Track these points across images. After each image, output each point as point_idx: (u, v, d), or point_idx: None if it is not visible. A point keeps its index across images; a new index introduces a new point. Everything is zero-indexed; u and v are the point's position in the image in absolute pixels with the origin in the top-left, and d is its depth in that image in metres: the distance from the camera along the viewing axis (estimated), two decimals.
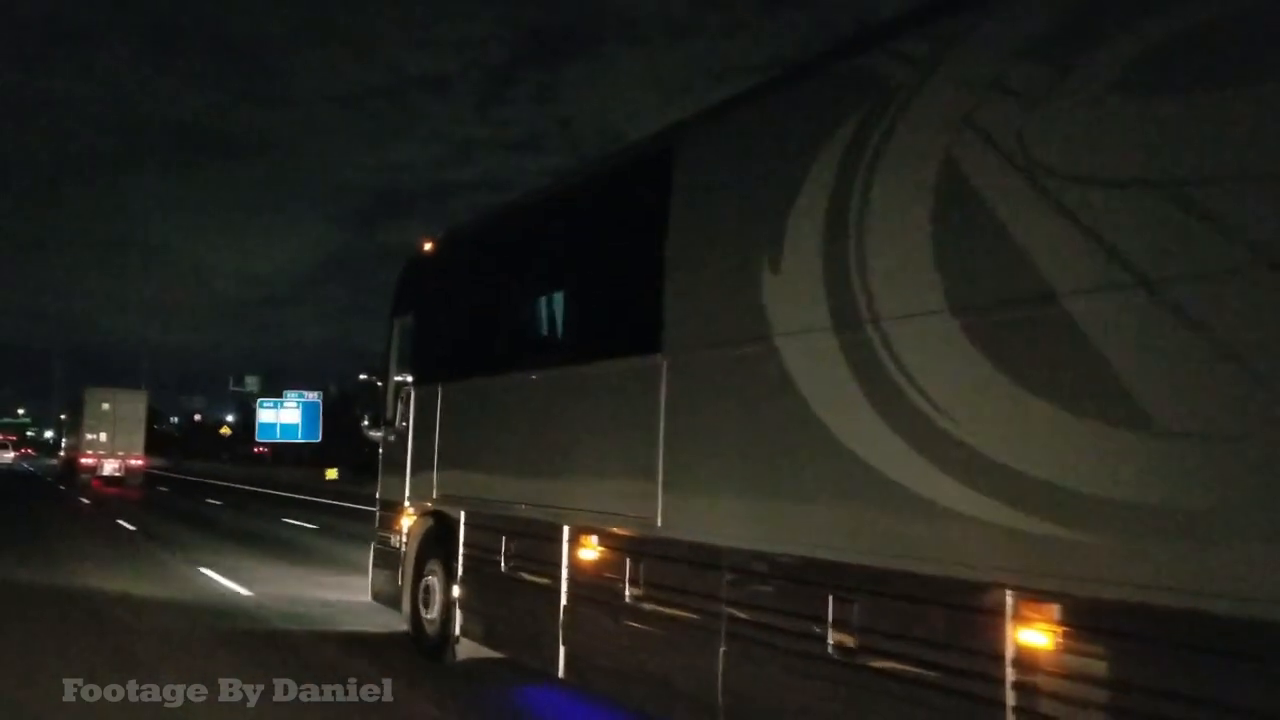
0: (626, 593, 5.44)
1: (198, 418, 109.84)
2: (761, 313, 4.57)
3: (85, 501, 28.65)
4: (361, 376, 10.08)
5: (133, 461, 41.25)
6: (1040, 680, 3.30)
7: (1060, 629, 3.27)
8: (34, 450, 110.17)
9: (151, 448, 48.21)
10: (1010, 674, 3.37)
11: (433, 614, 7.67)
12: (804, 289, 4.34)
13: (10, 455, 79.15)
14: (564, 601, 6.00)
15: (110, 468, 40.44)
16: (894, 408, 3.84)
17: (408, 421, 8.27)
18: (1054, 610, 3.29)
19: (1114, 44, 3.21)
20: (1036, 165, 3.41)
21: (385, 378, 8.99)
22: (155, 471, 50.71)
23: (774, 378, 4.45)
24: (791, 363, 4.39)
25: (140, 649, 7.64)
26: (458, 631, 7.29)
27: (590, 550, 5.82)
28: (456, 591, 7.29)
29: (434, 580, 7.70)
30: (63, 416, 58.91)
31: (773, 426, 4.48)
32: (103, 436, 41.14)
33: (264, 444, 60.15)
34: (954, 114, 3.73)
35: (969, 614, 3.54)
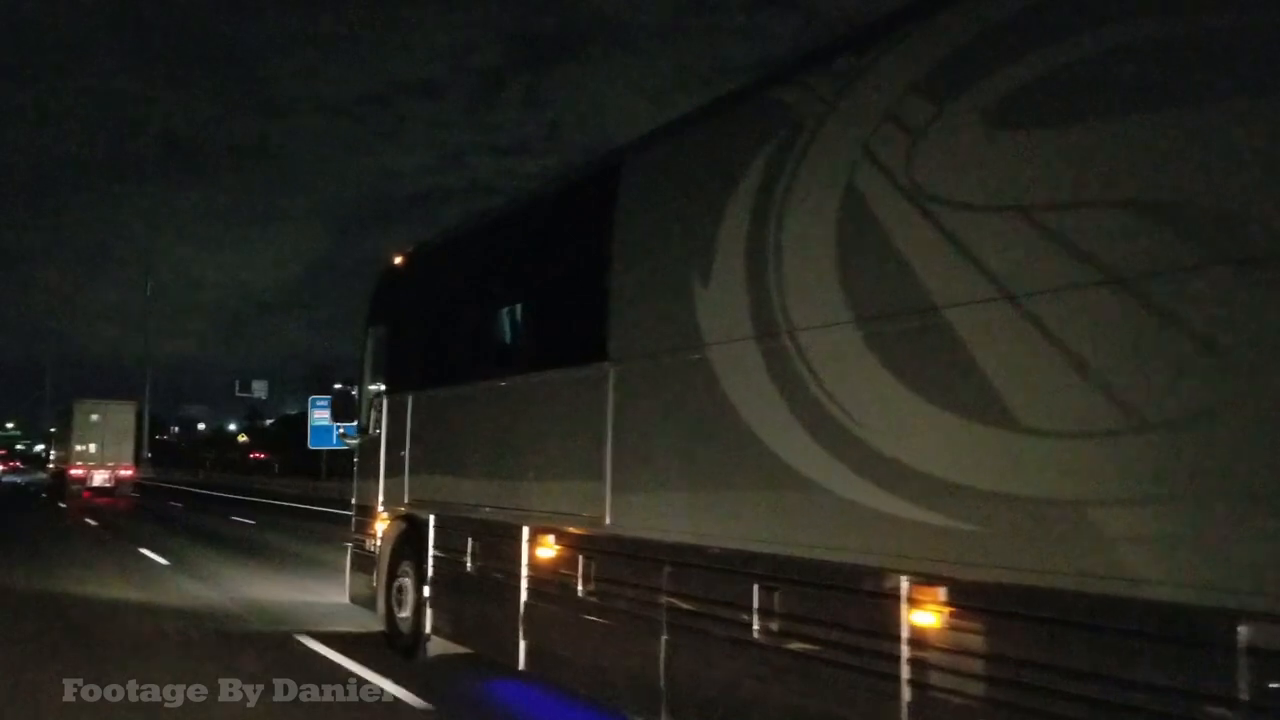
0: (580, 587, 5.78)
1: (201, 426, 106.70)
2: (694, 323, 4.93)
3: (72, 521, 27.68)
4: (337, 386, 10.39)
5: (122, 472, 41.38)
6: (929, 655, 3.65)
7: (947, 609, 3.63)
8: (24, 464, 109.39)
9: (157, 460, 47.75)
10: (905, 651, 3.73)
11: (405, 613, 7.99)
12: (729, 301, 4.69)
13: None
14: (524, 597, 6.34)
15: (100, 479, 40.53)
16: (805, 411, 4.19)
17: (381, 429, 8.60)
18: (941, 592, 3.65)
19: (980, 84, 3.57)
20: (919, 190, 3.77)
21: (360, 386, 9.32)
22: (169, 485, 48.71)
23: (706, 384, 4.80)
24: (720, 370, 4.74)
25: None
26: (429, 629, 7.61)
27: (547, 548, 6.16)
28: (427, 591, 7.62)
29: (407, 581, 8.03)
30: (52, 430, 58.83)
31: (705, 429, 4.83)
32: (92, 448, 41.20)
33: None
34: (853, 144, 4.09)
35: (871, 598, 3.89)
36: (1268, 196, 2.74)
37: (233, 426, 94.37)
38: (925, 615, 3.69)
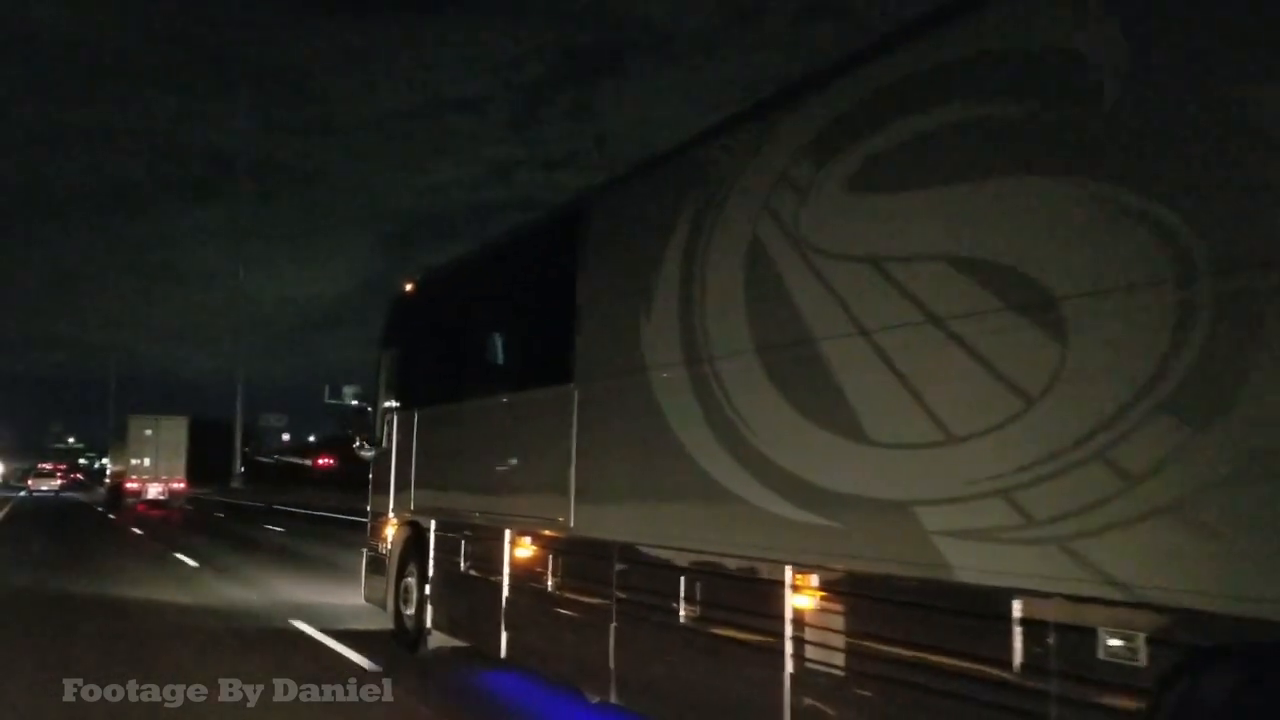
0: (548, 583, 6.50)
1: (286, 437, 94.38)
2: (640, 349, 5.64)
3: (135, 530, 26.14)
4: (353, 402, 11.24)
5: (175, 485, 42.75)
6: (806, 630, 4.32)
7: (819, 593, 4.29)
8: (85, 476, 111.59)
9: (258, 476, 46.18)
10: (789, 628, 4.39)
11: (410, 610, 8.76)
12: (666, 331, 5.40)
13: (56, 483, 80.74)
14: (505, 593, 7.07)
15: (154, 491, 41.92)
16: (719, 427, 4.89)
17: (392, 442, 9.40)
18: (815, 579, 4.31)
19: (846, 154, 4.26)
20: (803, 241, 4.45)
21: (375, 403, 10.15)
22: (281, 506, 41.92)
23: (647, 404, 5.50)
24: (658, 392, 5.44)
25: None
26: (429, 624, 8.38)
27: (524, 549, 6.89)
28: (428, 590, 8.38)
29: (411, 581, 8.80)
30: (90, 454, 60.72)
31: (646, 443, 5.53)
32: (146, 462, 42.51)
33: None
34: (757, 199, 4.79)
35: (764, 585, 4.56)
36: (1045, 256, 3.39)
37: (312, 438, 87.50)
38: (803, 598, 4.36)
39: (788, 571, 4.43)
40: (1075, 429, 3.19)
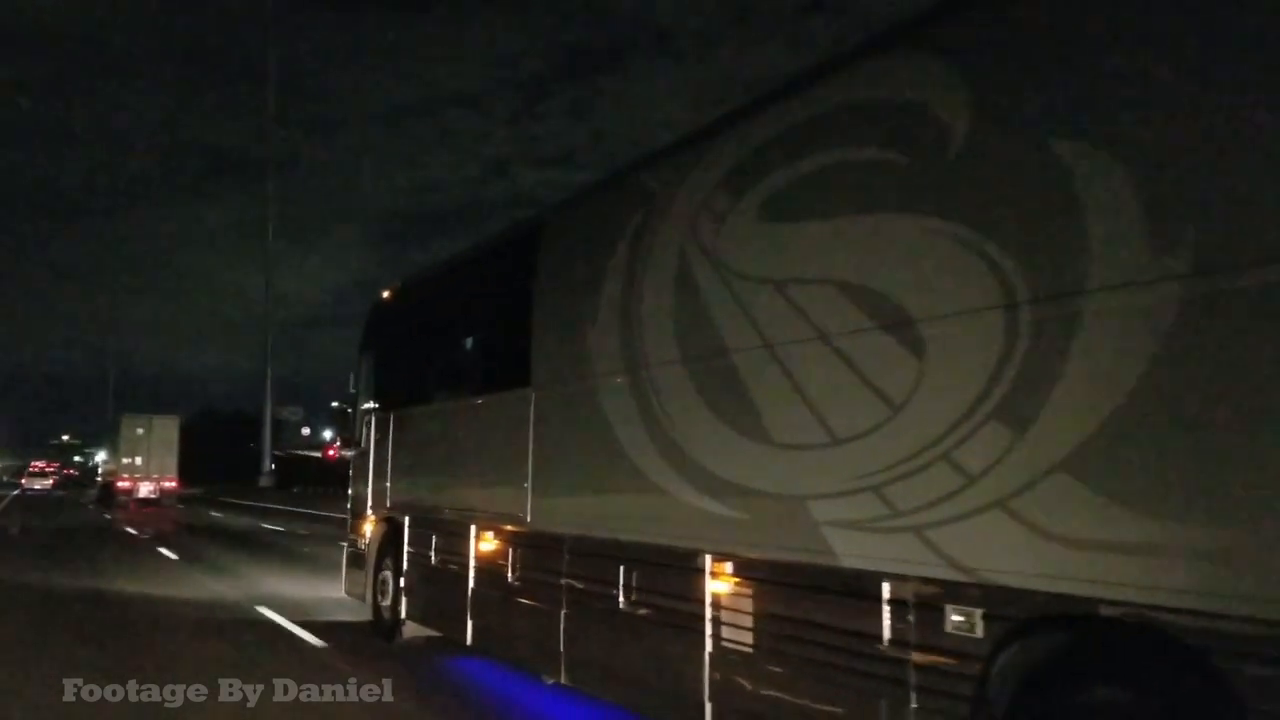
0: (508, 574, 7.01)
1: (306, 431, 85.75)
2: (587, 358, 6.14)
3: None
4: (334, 404, 11.70)
5: (166, 484, 43.02)
6: (723, 614, 4.83)
7: (733, 578, 4.80)
8: (78, 473, 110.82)
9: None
10: (708, 609, 4.90)
11: (387, 602, 9.26)
12: (609, 342, 5.90)
13: (48, 483, 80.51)
14: (471, 584, 7.58)
15: (145, 490, 42.15)
16: (653, 430, 5.39)
17: (370, 442, 9.90)
18: (729, 566, 4.82)
19: (754, 188, 4.76)
20: (720, 263, 4.96)
21: (355, 405, 10.64)
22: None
23: (594, 408, 6.01)
24: (602, 397, 5.94)
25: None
26: (404, 615, 8.88)
27: (487, 543, 7.40)
28: (402, 582, 8.89)
29: (388, 574, 9.29)
30: (88, 450, 60.19)
31: (593, 444, 6.03)
32: (138, 460, 42.64)
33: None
34: (684, 223, 5.29)
35: (687, 570, 5.07)
36: (905, 282, 3.90)
37: (328, 434, 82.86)
38: (719, 583, 4.87)
39: (707, 559, 4.94)
40: (928, 433, 3.70)
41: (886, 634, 3.88)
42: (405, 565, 8.88)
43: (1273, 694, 2.65)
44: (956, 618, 3.59)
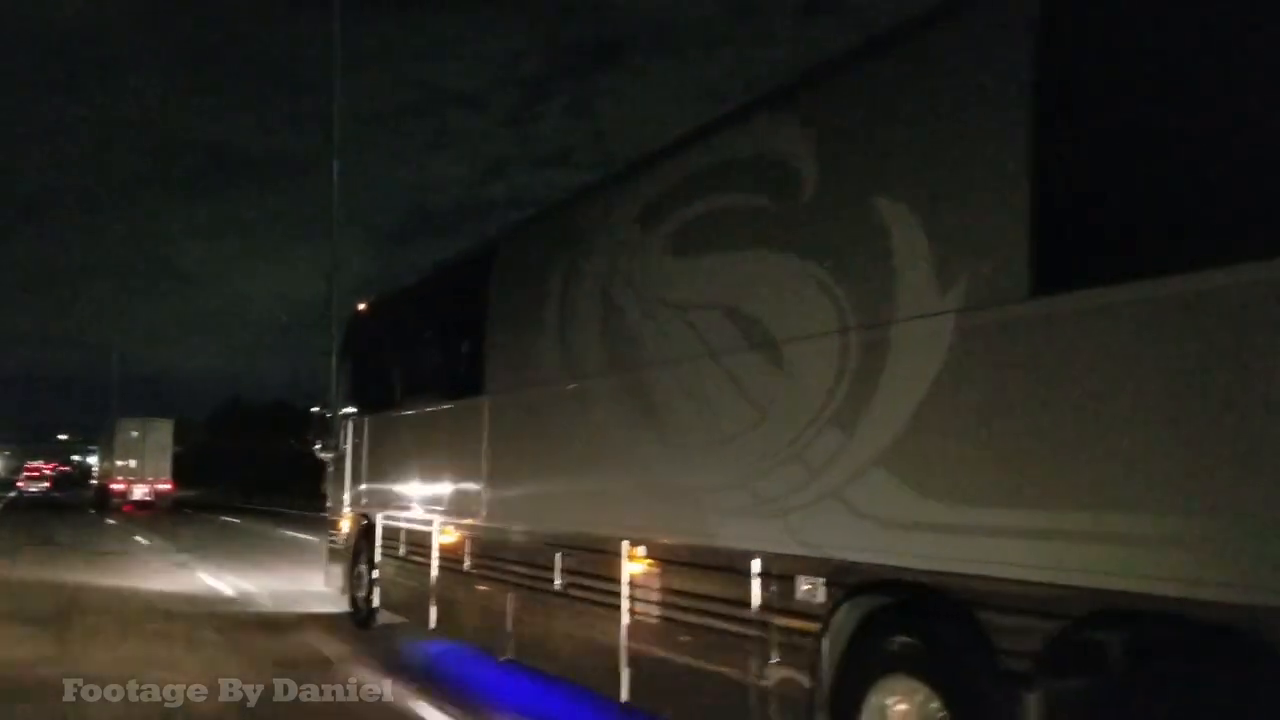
0: (465, 564, 7.77)
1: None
2: (531, 369, 6.91)
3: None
4: (313, 409, 12.47)
5: (160, 486, 43.55)
6: (635, 590, 5.60)
7: (646, 560, 5.57)
8: (73, 470, 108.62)
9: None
10: (625, 589, 5.67)
11: (362, 593, 10.03)
12: (548, 354, 6.67)
13: (45, 485, 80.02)
14: (434, 574, 8.34)
15: (140, 493, 42.60)
16: (581, 434, 6.17)
17: (347, 445, 10.66)
18: (642, 550, 5.59)
19: (656, 224, 5.55)
20: (634, 288, 5.73)
21: (334, 409, 11.40)
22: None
23: (536, 415, 6.78)
24: (542, 405, 6.72)
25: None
26: (377, 604, 9.65)
27: (448, 537, 8.16)
28: (375, 574, 9.65)
29: (363, 568, 10.06)
30: (90, 448, 59.70)
31: (536, 447, 6.80)
32: (132, 463, 43.09)
33: None
34: (607, 252, 6.07)
35: (608, 555, 5.83)
36: (770, 309, 4.67)
37: None
38: (633, 565, 5.64)
39: (624, 545, 5.71)
40: (785, 436, 4.47)
41: (756, 600, 4.65)
42: (378, 558, 9.64)
43: (1010, 634, 3.42)
44: (805, 586, 4.36)
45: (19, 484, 77.76)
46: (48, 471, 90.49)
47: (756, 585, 4.66)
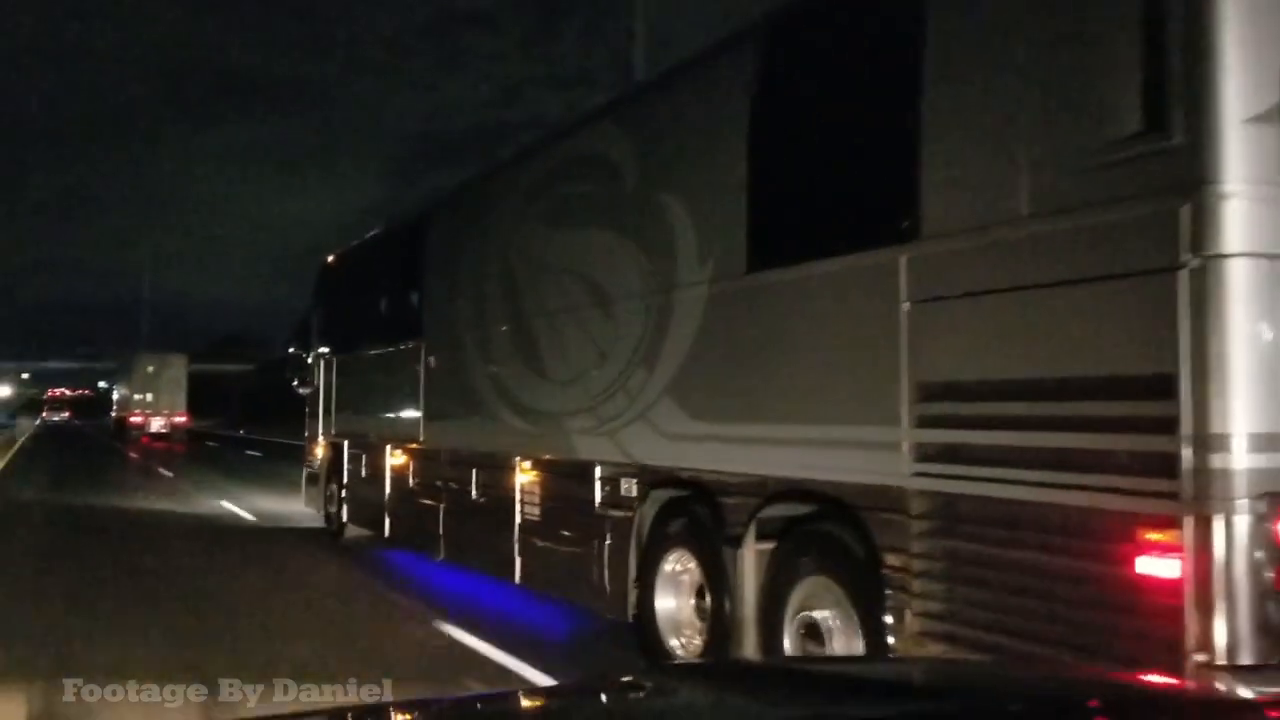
0: (410, 481, 9.22)
1: None
2: (454, 319, 8.25)
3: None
4: (290, 350, 13.89)
5: (176, 419, 45.08)
6: (524, 496, 7.01)
7: (533, 472, 6.97)
8: (92, 393, 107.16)
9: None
10: (517, 495, 7.08)
11: (334, 510, 11.53)
12: (466, 307, 8.01)
13: (65, 414, 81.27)
14: (387, 490, 9.80)
15: (157, 425, 44.15)
16: (491, 372, 7.54)
17: (319, 381, 12.08)
18: (529, 464, 6.99)
19: (537, 203, 6.84)
20: (523, 254, 7.04)
21: (309, 349, 12.79)
22: None
23: (461, 355, 8.14)
24: (465, 348, 8.07)
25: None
26: (346, 519, 11.15)
27: (396, 459, 9.60)
28: (344, 493, 11.14)
29: (334, 488, 11.54)
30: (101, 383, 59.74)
31: (460, 381, 8.18)
32: (149, 397, 44.60)
33: None
34: (509, 222, 7.38)
35: (506, 469, 7.23)
36: (607, 274, 5.99)
37: None
38: (523, 476, 7.05)
39: (516, 460, 7.11)
40: (615, 372, 5.82)
41: (597, 498, 6.05)
42: (345, 479, 11.11)
43: (733, 511, 4.81)
44: (625, 485, 5.76)
45: (44, 414, 79.47)
46: (69, 395, 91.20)
47: (598, 486, 6.06)
